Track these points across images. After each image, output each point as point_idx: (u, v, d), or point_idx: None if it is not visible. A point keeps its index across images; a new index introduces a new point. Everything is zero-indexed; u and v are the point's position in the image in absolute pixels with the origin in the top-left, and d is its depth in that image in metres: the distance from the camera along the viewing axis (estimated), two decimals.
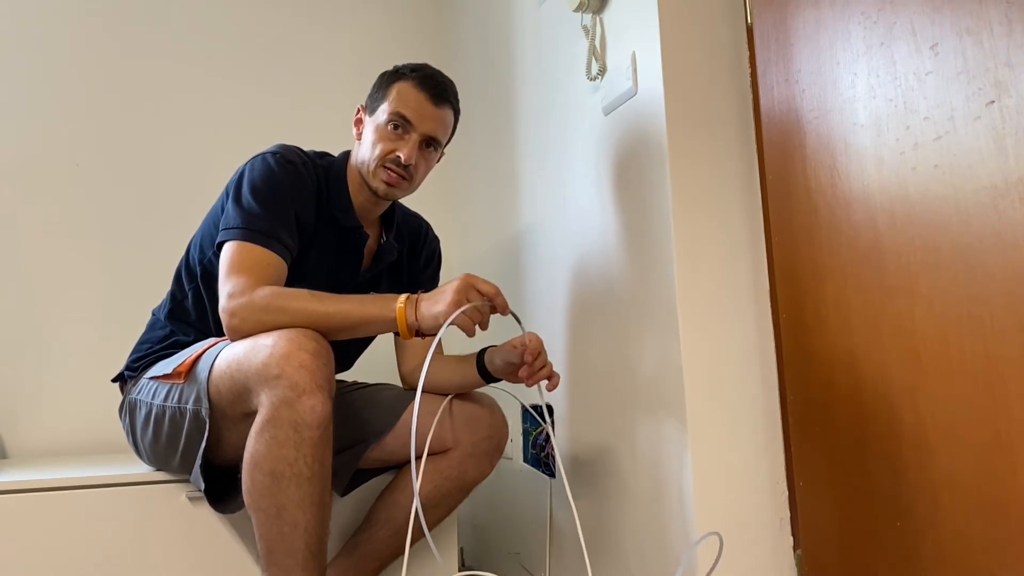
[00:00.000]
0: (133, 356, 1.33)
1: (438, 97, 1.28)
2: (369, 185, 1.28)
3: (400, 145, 1.26)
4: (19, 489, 1.20)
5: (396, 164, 1.25)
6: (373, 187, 1.28)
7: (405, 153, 1.25)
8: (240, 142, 1.71)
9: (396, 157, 1.25)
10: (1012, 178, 0.78)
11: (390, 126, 1.26)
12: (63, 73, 1.94)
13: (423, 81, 1.27)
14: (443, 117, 1.29)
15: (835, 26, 1.03)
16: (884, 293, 0.95)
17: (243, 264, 1.14)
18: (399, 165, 1.25)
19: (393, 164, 1.25)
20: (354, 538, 1.30)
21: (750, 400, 1.16)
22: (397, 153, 1.25)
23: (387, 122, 1.26)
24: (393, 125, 1.26)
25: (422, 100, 1.26)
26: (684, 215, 1.16)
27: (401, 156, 1.25)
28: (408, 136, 1.26)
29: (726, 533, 1.12)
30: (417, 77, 1.28)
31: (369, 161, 1.27)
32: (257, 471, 1.03)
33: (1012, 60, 0.78)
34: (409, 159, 1.25)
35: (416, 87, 1.27)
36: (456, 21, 2.24)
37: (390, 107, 1.26)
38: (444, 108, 1.29)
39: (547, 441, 1.54)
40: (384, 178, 1.26)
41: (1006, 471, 0.80)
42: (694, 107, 1.19)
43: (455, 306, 1.06)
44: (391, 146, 1.26)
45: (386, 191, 1.27)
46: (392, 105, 1.26)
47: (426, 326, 1.09)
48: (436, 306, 1.08)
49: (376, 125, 1.27)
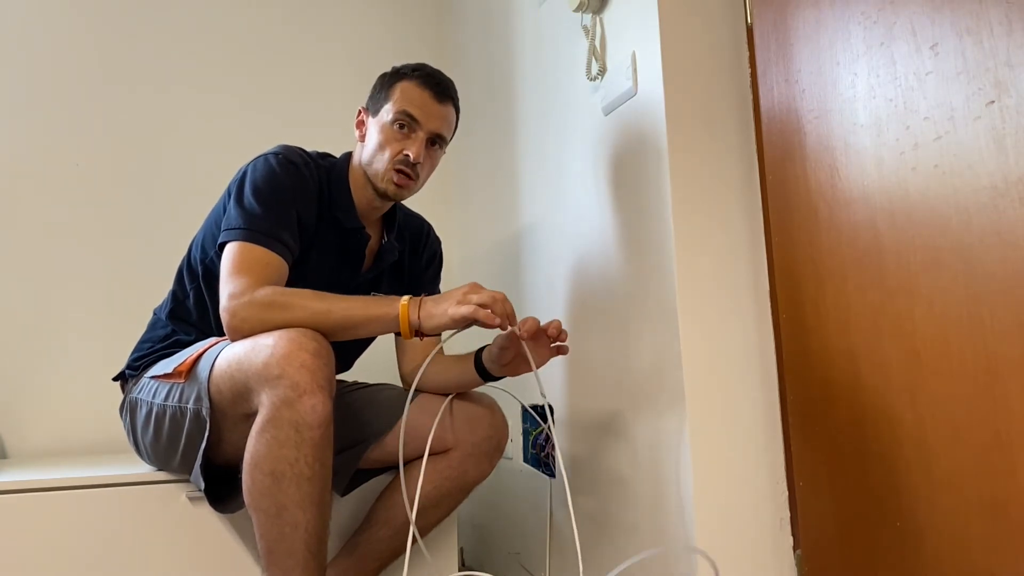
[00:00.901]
0: (134, 355, 1.33)
1: (442, 95, 1.29)
2: (377, 187, 1.28)
3: (407, 144, 1.26)
4: (19, 489, 1.20)
5: (405, 164, 1.26)
6: (382, 189, 1.28)
7: (414, 152, 1.25)
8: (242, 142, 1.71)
9: (405, 157, 1.26)
10: (1012, 178, 0.78)
11: (396, 126, 1.26)
12: (63, 73, 1.94)
13: (426, 79, 1.28)
14: (447, 115, 1.30)
15: (835, 26, 1.03)
16: (884, 293, 0.95)
17: (244, 264, 1.14)
18: (408, 165, 1.26)
19: (403, 164, 1.26)
20: (354, 538, 1.30)
21: (750, 400, 1.16)
22: (406, 152, 1.26)
23: (393, 122, 1.26)
24: (399, 124, 1.26)
25: (426, 98, 1.27)
26: (684, 215, 1.16)
27: (410, 155, 1.25)
28: (415, 135, 1.27)
29: (726, 533, 1.12)
30: (419, 76, 1.28)
31: (378, 163, 1.27)
32: (257, 471, 1.03)
33: (1012, 60, 0.78)
34: (418, 157, 1.26)
35: (419, 86, 1.27)
36: (456, 22, 2.24)
37: (395, 107, 1.26)
38: (447, 105, 1.30)
39: (547, 441, 1.54)
40: (395, 180, 1.27)
41: (1006, 471, 0.80)
42: (694, 107, 1.19)
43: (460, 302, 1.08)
44: (399, 146, 1.26)
45: (396, 192, 1.28)
46: (397, 105, 1.26)
47: (428, 327, 1.10)
48: (439, 306, 1.09)
49: (382, 125, 1.28)
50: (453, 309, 1.08)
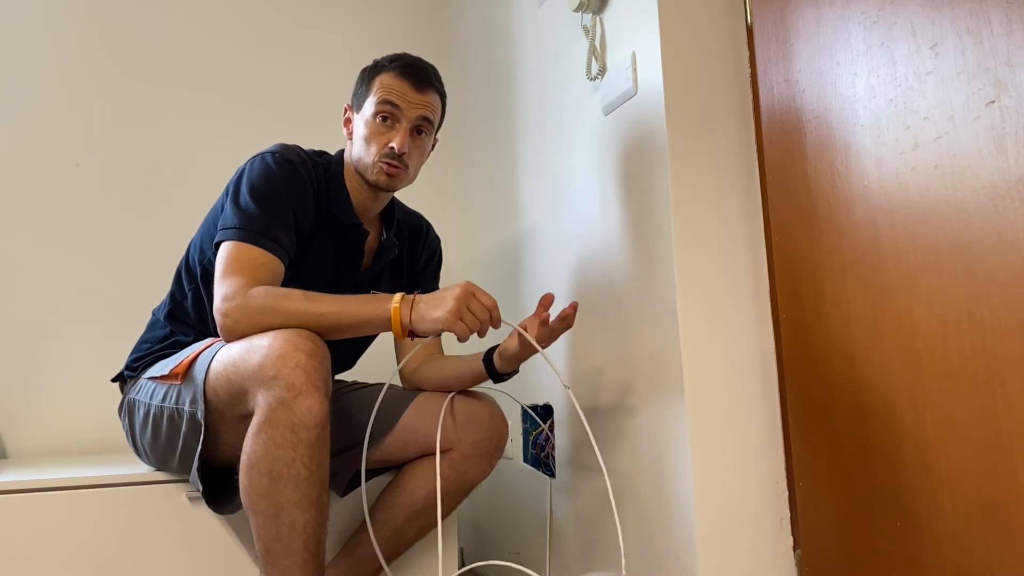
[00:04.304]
0: (133, 356, 1.33)
1: (421, 83, 1.28)
2: (368, 180, 1.28)
3: (392, 136, 1.26)
4: (19, 489, 1.20)
5: (391, 156, 1.26)
6: (374, 181, 1.28)
7: (398, 142, 1.25)
8: (241, 142, 1.71)
9: (391, 149, 1.26)
10: (1012, 178, 0.78)
11: (378, 119, 1.26)
12: (63, 73, 1.94)
13: (403, 69, 1.28)
14: (429, 102, 1.29)
15: (835, 26, 1.03)
16: (884, 293, 0.95)
17: (238, 264, 1.13)
18: (394, 156, 1.26)
19: (389, 157, 1.26)
20: (353, 538, 1.30)
21: (750, 400, 1.16)
22: (391, 145, 1.25)
23: (375, 115, 1.26)
24: (382, 117, 1.26)
25: (406, 88, 1.27)
26: (684, 215, 1.16)
27: (395, 146, 1.25)
28: (398, 126, 1.27)
29: (726, 532, 1.12)
30: (397, 67, 1.28)
31: (366, 158, 1.27)
32: (255, 472, 1.03)
33: (1012, 60, 0.78)
34: (402, 147, 1.25)
35: (397, 76, 1.27)
36: (456, 21, 2.24)
37: (376, 100, 1.27)
38: (429, 92, 1.29)
39: (547, 441, 1.54)
40: (385, 171, 1.27)
41: (1006, 471, 0.80)
42: (694, 107, 1.19)
43: (454, 314, 1.07)
44: (384, 139, 1.26)
45: (387, 182, 1.28)
46: (377, 97, 1.27)
47: (420, 328, 1.09)
48: (433, 311, 1.08)
49: (365, 120, 1.28)
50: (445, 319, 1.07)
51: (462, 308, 1.07)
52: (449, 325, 1.07)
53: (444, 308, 1.08)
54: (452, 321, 1.07)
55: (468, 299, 1.09)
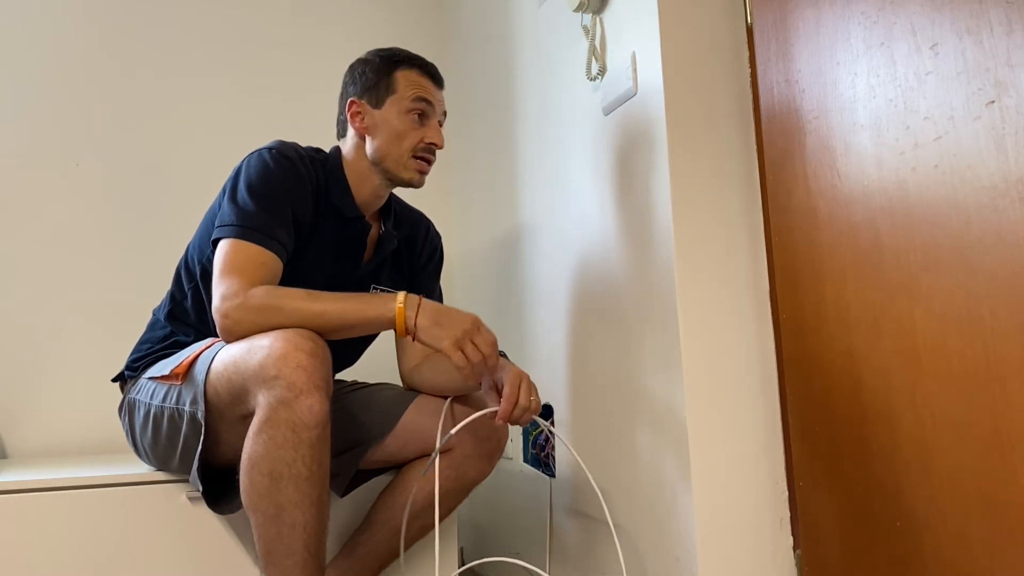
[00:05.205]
0: (133, 356, 1.33)
1: (439, 80, 1.34)
2: (400, 177, 1.30)
3: (427, 133, 1.30)
4: (19, 489, 1.20)
5: (429, 152, 1.30)
6: (407, 178, 1.30)
7: (439, 139, 1.30)
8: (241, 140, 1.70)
9: (430, 145, 1.29)
10: (1012, 178, 0.78)
11: (415, 115, 1.29)
12: (63, 73, 1.94)
13: (425, 67, 1.32)
14: (443, 98, 1.36)
15: (835, 26, 1.03)
16: (884, 293, 0.95)
17: (237, 263, 1.13)
18: (432, 152, 1.30)
19: (427, 152, 1.30)
20: (353, 539, 1.30)
21: (750, 400, 1.16)
22: (429, 141, 1.29)
23: (409, 111, 1.28)
24: (417, 114, 1.29)
25: (430, 84, 1.32)
26: (684, 215, 1.16)
27: (436, 143, 1.29)
28: (429, 121, 1.30)
29: (726, 532, 1.12)
30: (418, 64, 1.32)
31: (396, 154, 1.28)
32: (255, 472, 1.03)
33: (1012, 60, 0.78)
34: (442, 143, 1.30)
35: (422, 74, 1.31)
36: (456, 20, 2.24)
37: (409, 95, 1.28)
38: (442, 89, 1.35)
39: (547, 441, 1.54)
40: (418, 168, 1.30)
41: (1006, 471, 0.80)
42: (694, 107, 1.19)
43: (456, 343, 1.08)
44: (418, 135, 1.29)
45: (420, 180, 1.31)
46: (411, 93, 1.29)
47: (421, 338, 1.10)
48: (438, 329, 1.09)
49: (396, 116, 1.28)
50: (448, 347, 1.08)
51: (465, 340, 1.09)
52: (449, 352, 1.08)
53: (449, 332, 1.09)
54: (452, 349, 1.08)
55: (474, 332, 1.10)
